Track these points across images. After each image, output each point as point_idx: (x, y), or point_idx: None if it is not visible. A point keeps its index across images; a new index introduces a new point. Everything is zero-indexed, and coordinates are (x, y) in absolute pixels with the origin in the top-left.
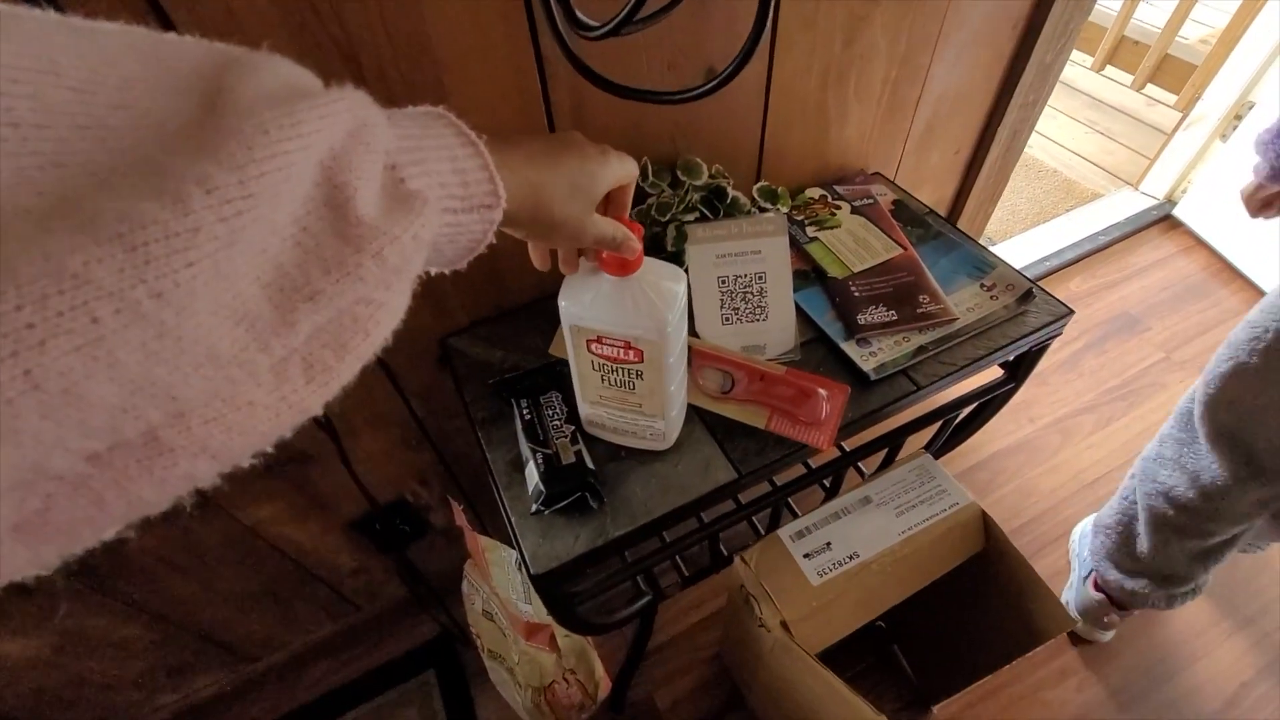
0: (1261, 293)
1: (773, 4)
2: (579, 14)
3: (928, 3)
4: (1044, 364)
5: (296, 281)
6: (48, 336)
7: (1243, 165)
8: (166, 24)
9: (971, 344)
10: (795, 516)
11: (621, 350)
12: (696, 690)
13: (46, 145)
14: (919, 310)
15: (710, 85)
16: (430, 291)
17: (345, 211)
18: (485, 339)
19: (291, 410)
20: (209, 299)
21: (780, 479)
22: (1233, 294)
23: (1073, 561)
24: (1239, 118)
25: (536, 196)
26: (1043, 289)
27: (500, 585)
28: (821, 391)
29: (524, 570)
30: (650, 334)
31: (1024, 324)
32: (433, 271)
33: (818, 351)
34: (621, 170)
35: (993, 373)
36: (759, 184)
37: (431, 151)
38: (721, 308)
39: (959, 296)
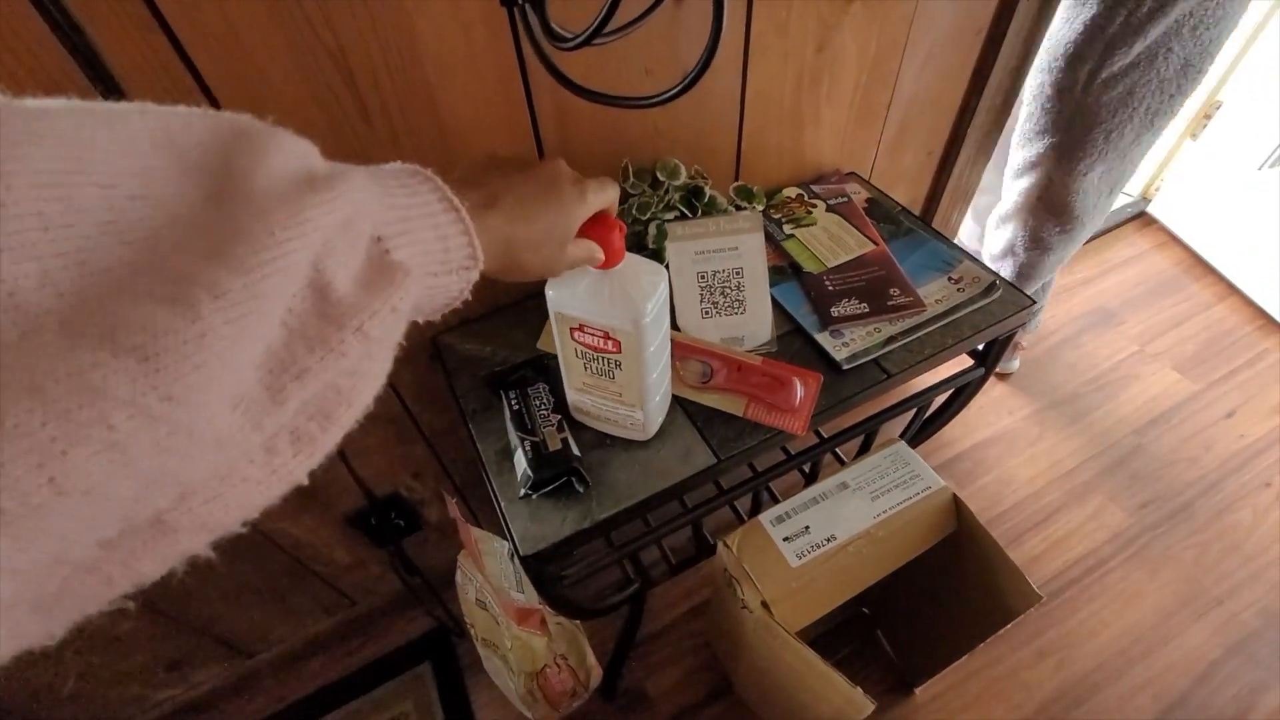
0: (1233, 287)
1: (741, 15)
2: (554, 26)
3: (895, 9)
4: (1023, 357)
5: (285, 362)
6: (69, 446)
7: (1212, 163)
8: (171, 37)
9: (939, 334)
10: (776, 501)
11: (601, 340)
12: (686, 677)
13: (71, 244)
14: (889, 303)
15: (675, 90)
16: None
17: (327, 293)
18: (475, 335)
19: (280, 481)
20: (214, 392)
21: (761, 465)
22: (1204, 288)
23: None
24: (1208, 117)
25: (512, 253)
26: (1006, 281)
27: (493, 575)
28: (796, 380)
29: (514, 553)
30: (626, 325)
31: (989, 314)
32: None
33: (794, 343)
34: (599, 201)
35: (965, 362)
36: (736, 184)
37: (417, 220)
38: (701, 301)
39: (928, 289)
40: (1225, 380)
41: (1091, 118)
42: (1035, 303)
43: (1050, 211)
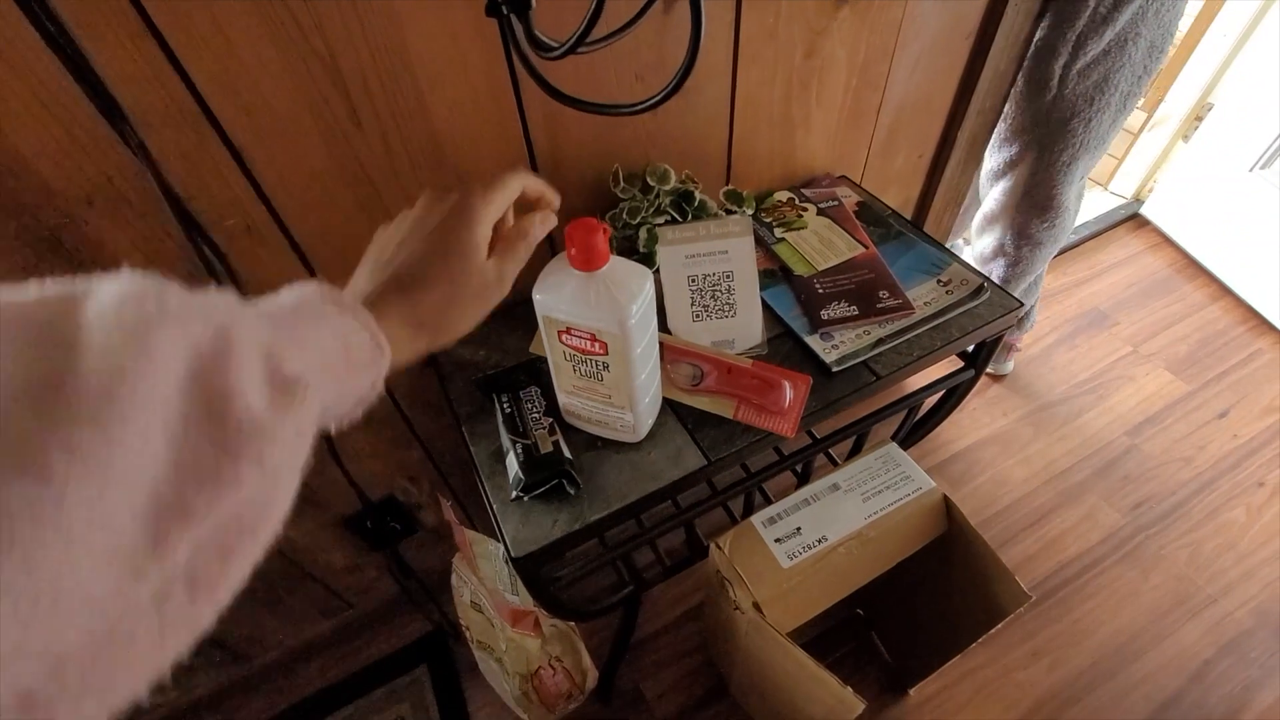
0: (1225, 288)
1: (730, 21)
2: (539, 35)
3: (883, 15)
4: (1017, 359)
5: (171, 503)
6: None
7: (1204, 165)
8: (163, 44)
9: (928, 336)
10: (769, 502)
11: (588, 342)
12: (682, 680)
13: None
14: (879, 305)
15: (657, 98)
16: None
17: (225, 417)
18: (468, 339)
19: (180, 631)
20: (81, 552)
21: (754, 466)
22: (1197, 289)
23: None
24: (1199, 119)
25: (425, 320)
26: (994, 284)
27: (488, 577)
28: (785, 382)
29: (506, 553)
30: (612, 327)
31: (977, 316)
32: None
33: (784, 345)
34: (491, 206)
35: (956, 364)
36: (726, 188)
37: (306, 325)
38: (692, 305)
39: (917, 292)
40: (1218, 380)
41: (1069, 109)
42: (1023, 305)
43: (1036, 207)
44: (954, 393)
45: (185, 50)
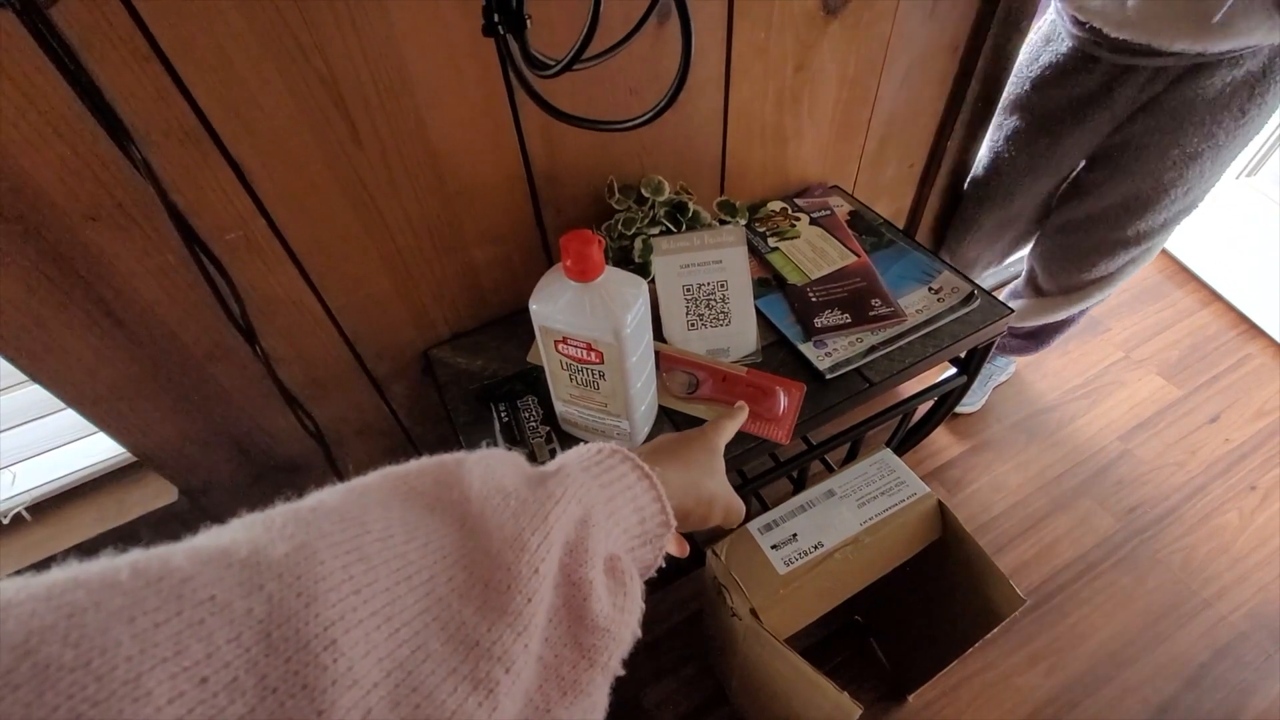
0: (1215, 293)
1: (721, 38)
2: (535, 53)
3: (872, 29)
4: (1004, 372)
5: (539, 708)
6: None
7: None
8: (167, 65)
9: (920, 343)
10: (765, 509)
11: (584, 351)
12: (680, 688)
13: (378, 601)
14: (871, 313)
15: (649, 115)
16: (412, 307)
17: (583, 614)
18: (466, 349)
19: None
20: None
21: (750, 473)
22: (1187, 294)
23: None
24: None
25: (687, 497)
26: (985, 291)
27: None
28: (779, 390)
29: None
30: (607, 336)
31: (968, 323)
32: None
33: (778, 353)
34: (730, 425)
35: (949, 371)
36: (720, 198)
37: (620, 499)
38: (687, 314)
39: (909, 300)
40: (1209, 385)
41: None
42: (1011, 310)
43: None
44: (947, 399)
45: (189, 71)
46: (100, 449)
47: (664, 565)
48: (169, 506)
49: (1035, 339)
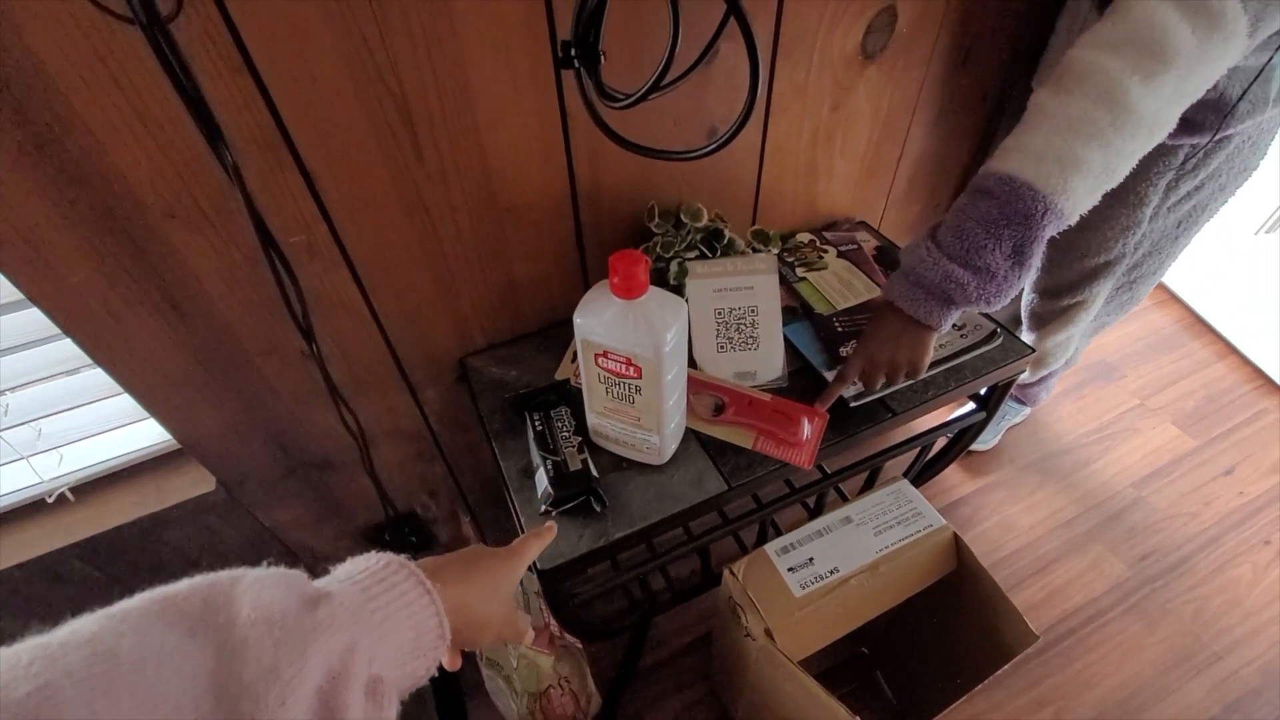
0: (1231, 346)
1: (764, 76)
2: (607, 87)
3: (907, 75)
4: (1018, 415)
5: None
6: None
7: (1210, 226)
8: (256, 76)
9: (943, 377)
10: (780, 534)
11: (624, 366)
12: (685, 711)
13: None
14: None
15: (711, 147)
16: (453, 316)
17: None
18: (501, 359)
19: None
20: None
21: (766, 497)
22: (1203, 346)
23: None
24: None
25: (465, 613)
26: (1008, 330)
27: None
28: (803, 417)
29: (533, 566)
30: (648, 352)
31: (990, 360)
32: None
33: (803, 380)
34: (531, 548)
35: (965, 408)
36: (753, 227)
37: (396, 617)
38: (717, 336)
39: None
40: (1224, 437)
41: (1153, 245)
42: (1033, 351)
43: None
44: (964, 434)
45: (275, 83)
46: (144, 436)
47: (436, 674)
48: (206, 495)
49: (1026, 389)
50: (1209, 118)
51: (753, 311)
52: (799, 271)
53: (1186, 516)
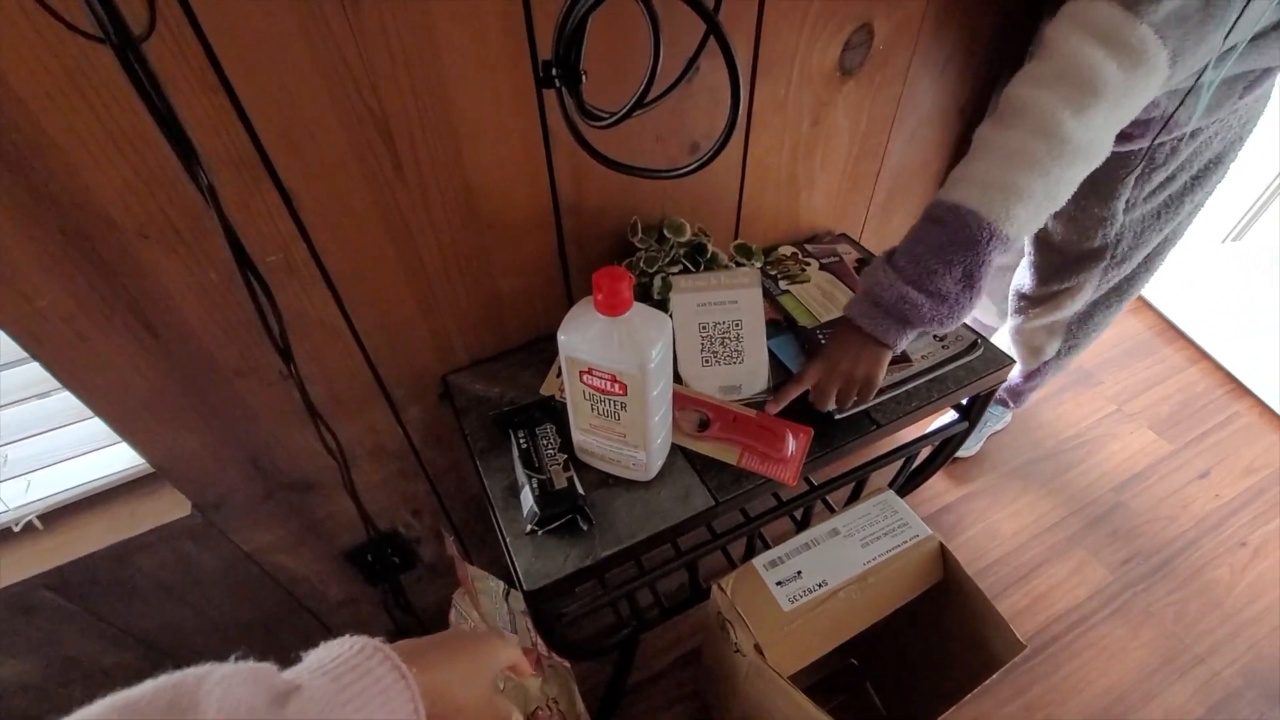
0: (1202, 351)
1: (745, 94)
2: (589, 105)
3: (884, 90)
4: (1000, 421)
5: None
6: None
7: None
8: (232, 94)
9: (925, 388)
10: (768, 548)
11: (609, 382)
12: None
13: None
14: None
15: (693, 166)
16: (435, 333)
17: None
18: (485, 376)
19: None
20: None
21: (754, 510)
22: (1175, 351)
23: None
24: None
25: (442, 698)
26: (987, 340)
27: (488, 614)
28: (788, 433)
29: (509, 590)
30: (633, 369)
31: (972, 370)
32: None
33: None
34: (509, 651)
35: (949, 417)
36: (736, 241)
37: (370, 704)
38: (702, 351)
39: (914, 346)
40: (1199, 441)
41: (1131, 242)
42: (1013, 361)
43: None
44: (948, 443)
45: (252, 102)
46: (116, 460)
47: None
48: (181, 520)
49: (1016, 391)
50: (1148, 131)
51: (737, 325)
52: (782, 285)
53: (1165, 520)
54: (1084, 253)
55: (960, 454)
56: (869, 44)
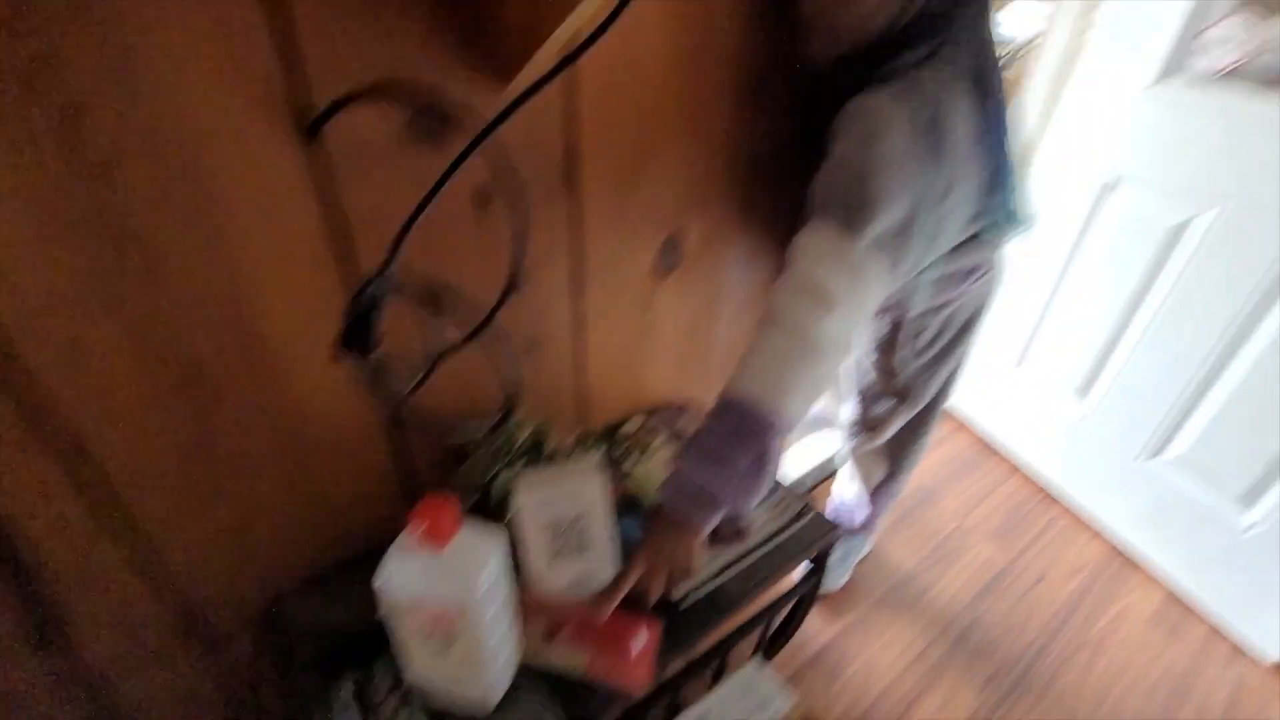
0: (1012, 463)
1: (573, 301)
2: (387, 375)
3: (702, 281)
4: (863, 549)
5: None
6: None
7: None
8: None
9: (767, 557)
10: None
11: (432, 622)
12: None
13: None
14: (718, 534)
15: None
16: (259, 556)
17: None
18: (324, 594)
19: None
20: None
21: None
22: (996, 465)
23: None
24: None
25: None
26: (812, 508)
27: None
28: (633, 634)
29: None
30: (460, 603)
31: (808, 534)
32: None
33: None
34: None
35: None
36: (578, 432)
37: None
38: (548, 548)
39: (755, 514)
40: (1030, 548)
41: (929, 368)
42: (837, 528)
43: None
44: (805, 599)
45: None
46: None
47: None
48: None
49: (865, 524)
50: (896, 309)
51: (581, 518)
52: (627, 465)
53: (1016, 630)
54: (885, 393)
55: (831, 588)
56: (680, 247)
